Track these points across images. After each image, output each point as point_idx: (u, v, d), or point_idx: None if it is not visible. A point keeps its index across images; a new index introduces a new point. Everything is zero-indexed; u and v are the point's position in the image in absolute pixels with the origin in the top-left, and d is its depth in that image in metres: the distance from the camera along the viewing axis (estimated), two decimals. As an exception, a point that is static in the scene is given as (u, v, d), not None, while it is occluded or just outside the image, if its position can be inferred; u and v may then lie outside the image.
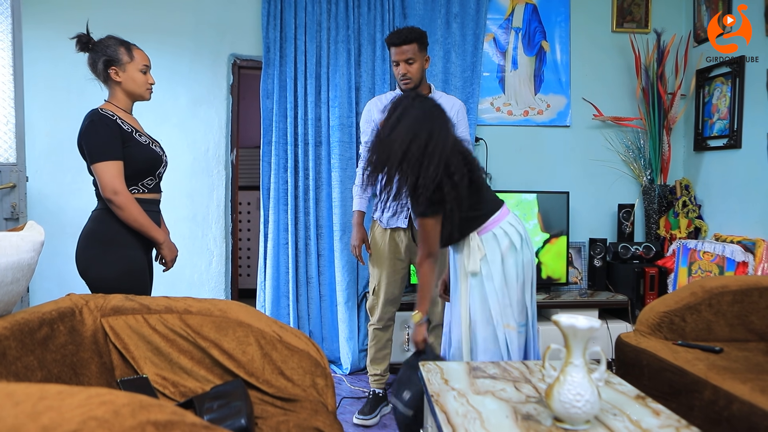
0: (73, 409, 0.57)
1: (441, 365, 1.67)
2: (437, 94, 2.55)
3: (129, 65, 1.96)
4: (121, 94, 1.98)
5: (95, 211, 1.96)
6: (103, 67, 1.93)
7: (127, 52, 1.96)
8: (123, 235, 1.91)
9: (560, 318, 1.24)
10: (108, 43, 1.95)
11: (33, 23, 3.10)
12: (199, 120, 3.31)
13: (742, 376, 1.66)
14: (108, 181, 1.83)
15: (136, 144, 1.94)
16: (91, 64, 1.96)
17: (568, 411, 1.21)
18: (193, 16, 3.28)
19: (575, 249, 3.49)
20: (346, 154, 3.19)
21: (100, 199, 1.94)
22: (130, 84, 1.97)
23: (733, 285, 2.14)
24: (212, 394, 1.48)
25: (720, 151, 3.20)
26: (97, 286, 1.86)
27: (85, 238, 1.92)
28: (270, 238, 3.24)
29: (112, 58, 1.93)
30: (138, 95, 2.01)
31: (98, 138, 1.85)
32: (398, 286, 2.58)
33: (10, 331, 1.28)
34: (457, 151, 1.82)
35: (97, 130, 1.85)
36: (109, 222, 1.90)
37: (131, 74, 1.96)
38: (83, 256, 1.90)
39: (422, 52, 2.47)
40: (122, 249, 1.91)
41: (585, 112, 3.52)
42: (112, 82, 1.96)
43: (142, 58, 2.00)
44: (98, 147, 1.84)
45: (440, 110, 1.84)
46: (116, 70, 1.94)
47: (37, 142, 3.12)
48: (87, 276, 1.90)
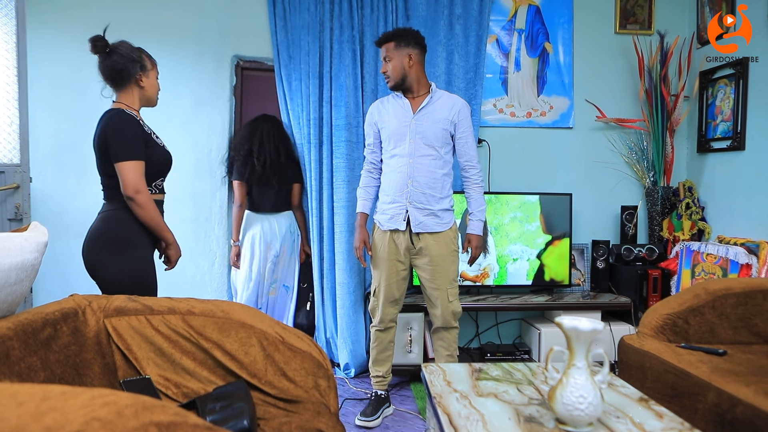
0: (76, 409, 0.57)
1: (444, 367, 1.67)
2: (438, 93, 2.54)
3: (151, 72, 2.06)
4: (137, 97, 2.03)
5: (107, 212, 1.96)
6: (139, 71, 1.99)
7: (149, 59, 2.05)
8: (137, 236, 1.95)
9: (563, 320, 1.24)
10: (131, 48, 2.00)
11: (37, 23, 3.11)
12: (202, 121, 3.31)
13: (745, 379, 1.66)
14: (132, 180, 1.87)
15: (155, 145, 2.00)
16: (112, 67, 1.97)
17: (570, 413, 1.20)
18: (196, 17, 3.29)
19: (578, 251, 3.49)
20: (353, 154, 3.19)
21: (112, 199, 1.96)
22: (151, 90, 2.06)
23: (737, 287, 2.14)
24: (215, 395, 1.48)
25: (723, 153, 3.20)
26: (110, 286, 1.88)
27: (96, 238, 1.92)
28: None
29: (142, 64, 2.01)
30: (153, 100, 2.10)
31: (125, 137, 1.88)
32: (398, 287, 2.58)
33: (13, 332, 1.28)
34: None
35: (124, 129, 1.89)
36: (124, 223, 1.93)
37: (152, 80, 2.06)
38: (96, 256, 1.91)
39: (400, 50, 2.45)
40: (136, 250, 1.95)
41: (588, 114, 3.52)
42: (133, 86, 2.01)
43: (156, 65, 2.10)
44: (125, 145, 1.88)
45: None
46: (142, 75, 2.01)
47: (40, 143, 3.13)
48: (99, 276, 1.91)
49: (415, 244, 2.51)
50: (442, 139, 2.48)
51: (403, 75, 2.48)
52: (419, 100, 2.51)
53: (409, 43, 2.47)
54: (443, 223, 2.51)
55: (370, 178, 2.66)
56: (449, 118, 2.49)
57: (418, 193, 2.47)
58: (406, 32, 2.48)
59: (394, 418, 2.63)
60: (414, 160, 2.47)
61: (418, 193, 2.47)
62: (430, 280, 2.53)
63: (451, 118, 2.49)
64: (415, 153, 2.47)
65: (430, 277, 2.52)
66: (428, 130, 2.47)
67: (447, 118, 2.48)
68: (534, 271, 3.30)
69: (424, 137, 2.47)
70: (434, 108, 2.49)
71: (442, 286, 2.51)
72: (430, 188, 2.47)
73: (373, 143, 2.62)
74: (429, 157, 2.47)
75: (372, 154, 2.63)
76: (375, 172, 2.65)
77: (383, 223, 2.56)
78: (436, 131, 2.47)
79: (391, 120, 2.52)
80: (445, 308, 2.53)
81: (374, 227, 2.63)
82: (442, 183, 2.50)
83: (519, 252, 3.28)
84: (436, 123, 2.47)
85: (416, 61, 2.49)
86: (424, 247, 2.50)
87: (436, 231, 2.50)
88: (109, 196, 1.98)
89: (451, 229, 2.54)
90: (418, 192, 2.47)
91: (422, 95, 2.52)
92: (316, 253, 3.21)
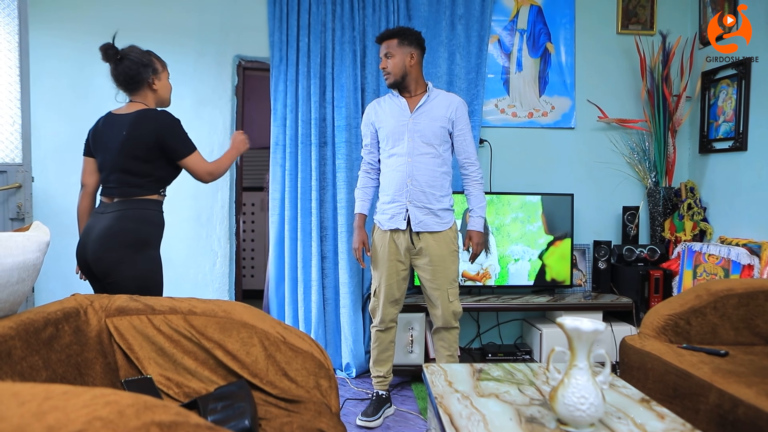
0: (78, 409, 0.57)
1: (445, 367, 1.67)
2: (435, 92, 2.54)
3: (163, 74, 2.12)
4: (151, 99, 2.10)
5: (123, 210, 1.97)
6: (152, 74, 2.05)
7: (159, 61, 2.11)
8: (153, 236, 2.02)
9: (565, 320, 1.24)
10: (141, 53, 2.05)
11: (39, 23, 3.11)
12: (204, 121, 3.31)
13: (747, 380, 1.65)
14: (203, 167, 2.06)
15: None
16: (125, 73, 2.02)
17: (572, 414, 1.20)
18: (198, 17, 3.29)
19: (579, 251, 3.48)
20: (353, 154, 3.19)
21: (128, 197, 1.98)
22: (164, 91, 2.13)
23: (739, 288, 2.13)
24: (216, 394, 1.48)
25: (725, 154, 3.19)
26: (128, 284, 1.89)
27: (111, 237, 1.92)
28: (275, 240, 3.25)
29: (154, 68, 2.07)
30: (167, 101, 2.17)
31: (183, 133, 2.04)
32: (399, 287, 2.58)
33: (15, 331, 1.28)
34: None
35: (179, 126, 2.03)
36: (143, 223, 1.97)
37: (164, 82, 2.13)
38: (114, 255, 1.91)
39: (403, 48, 2.46)
40: (152, 250, 2.01)
41: (590, 114, 3.52)
42: (146, 89, 2.07)
43: (166, 66, 2.16)
44: (186, 141, 2.04)
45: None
46: (154, 78, 2.08)
47: (42, 143, 3.14)
48: (115, 274, 1.91)
49: (416, 244, 2.51)
50: (440, 137, 2.49)
51: (404, 73, 2.48)
52: (416, 99, 2.52)
53: (412, 42, 2.47)
54: (443, 223, 2.51)
55: (367, 178, 2.66)
56: (447, 116, 2.49)
57: (417, 191, 2.47)
58: (410, 31, 2.49)
59: (395, 418, 2.63)
60: (413, 159, 2.47)
61: (418, 191, 2.47)
62: (430, 280, 2.53)
63: (449, 115, 2.50)
64: (414, 152, 2.47)
65: (430, 277, 2.52)
66: (426, 129, 2.47)
67: (445, 116, 2.49)
68: (535, 272, 3.29)
69: (422, 136, 2.47)
70: (432, 106, 2.50)
71: (442, 286, 2.51)
72: (429, 186, 2.48)
73: (370, 144, 2.62)
74: (428, 155, 2.48)
75: (369, 154, 2.64)
76: (373, 172, 2.65)
77: (383, 223, 2.56)
78: (434, 129, 2.47)
79: (388, 119, 2.53)
80: (445, 308, 2.53)
81: (374, 227, 2.63)
82: (441, 181, 2.50)
83: (520, 252, 3.28)
84: (434, 121, 2.47)
85: (417, 62, 2.50)
86: (424, 247, 2.50)
87: (436, 230, 2.50)
88: (123, 193, 1.99)
89: (451, 228, 2.54)
90: (418, 191, 2.47)
91: (419, 94, 2.53)
92: (317, 252, 3.21)
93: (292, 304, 3.25)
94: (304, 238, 3.23)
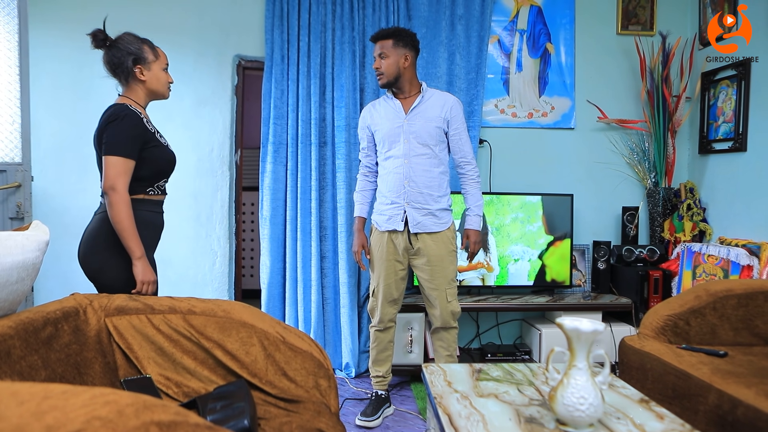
0: (77, 408, 0.57)
1: (444, 367, 1.67)
2: (429, 92, 2.54)
3: (154, 64, 1.95)
4: (141, 92, 1.95)
5: (106, 212, 1.91)
6: (132, 64, 1.90)
7: (151, 51, 1.95)
8: (141, 238, 1.88)
9: (564, 321, 1.24)
10: (130, 40, 1.92)
11: (39, 23, 3.11)
12: (204, 120, 3.31)
13: (746, 381, 1.65)
14: (112, 176, 1.78)
15: (158, 145, 1.93)
16: (110, 61, 1.91)
17: (571, 414, 1.20)
18: (198, 17, 3.29)
19: (579, 251, 3.48)
20: (352, 154, 3.19)
21: None
22: (155, 83, 1.96)
23: (738, 289, 2.13)
24: (215, 394, 1.48)
25: (725, 154, 3.19)
26: (110, 286, 1.83)
27: (94, 238, 1.86)
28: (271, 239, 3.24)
29: (139, 57, 1.91)
30: (160, 94, 2.00)
31: (120, 133, 1.81)
32: (397, 287, 2.58)
33: (14, 330, 1.28)
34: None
35: (121, 124, 1.81)
36: None
37: (156, 73, 1.96)
38: (96, 257, 1.85)
39: (398, 49, 2.45)
40: None
41: (589, 115, 3.52)
42: (134, 80, 1.93)
43: (164, 57, 2.00)
44: (117, 141, 1.80)
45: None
46: (141, 68, 1.92)
47: (42, 142, 3.14)
48: (99, 278, 1.86)
49: (414, 244, 2.51)
50: (436, 137, 2.48)
51: (397, 74, 2.47)
52: (410, 100, 2.52)
53: (407, 44, 2.47)
54: (441, 223, 2.51)
55: (365, 181, 2.66)
56: (442, 115, 2.49)
57: (415, 192, 2.47)
58: (406, 33, 2.48)
59: (394, 418, 2.63)
60: (409, 160, 2.47)
61: (416, 192, 2.47)
62: (428, 281, 2.53)
63: (444, 115, 2.49)
64: (410, 153, 2.47)
65: (428, 277, 2.52)
66: (422, 129, 2.47)
67: (439, 115, 2.48)
68: (535, 272, 3.30)
69: (418, 137, 2.47)
70: (426, 107, 2.49)
71: (440, 287, 2.51)
72: (427, 187, 2.48)
73: (367, 147, 2.63)
74: (424, 156, 2.48)
75: (367, 157, 2.64)
76: (371, 175, 2.66)
77: (381, 224, 2.56)
78: (429, 130, 2.47)
79: (383, 122, 2.52)
80: (443, 308, 2.53)
81: (372, 228, 2.63)
82: (438, 181, 2.50)
83: (520, 252, 3.28)
84: (429, 122, 2.47)
85: (411, 63, 2.49)
86: (422, 247, 2.50)
87: (435, 231, 2.50)
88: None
89: (450, 229, 2.54)
90: (416, 192, 2.47)
91: (413, 95, 2.52)
92: (316, 252, 3.21)
93: (292, 303, 3.25)
94: (303, 238, 3.22)
